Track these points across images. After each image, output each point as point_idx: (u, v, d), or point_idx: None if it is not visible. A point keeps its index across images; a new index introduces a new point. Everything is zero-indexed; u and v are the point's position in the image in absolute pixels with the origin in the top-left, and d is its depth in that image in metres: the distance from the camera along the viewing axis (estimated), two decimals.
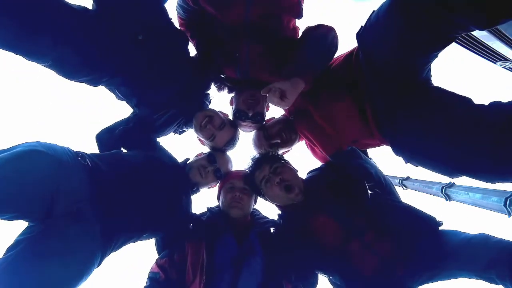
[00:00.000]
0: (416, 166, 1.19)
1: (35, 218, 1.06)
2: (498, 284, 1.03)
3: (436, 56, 1.03)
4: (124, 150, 1.60)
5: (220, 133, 1.55)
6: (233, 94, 1.64)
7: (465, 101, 1.02)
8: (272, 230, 1.51)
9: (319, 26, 1.27)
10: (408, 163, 1.22)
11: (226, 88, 1.65)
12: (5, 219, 1.01)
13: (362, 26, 1.13)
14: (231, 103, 1.63)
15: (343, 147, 1.44)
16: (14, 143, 1.13)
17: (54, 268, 0.98)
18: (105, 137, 1.58)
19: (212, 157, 1.58)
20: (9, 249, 1.00)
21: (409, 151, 1.16)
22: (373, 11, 1.06)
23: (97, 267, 1.18)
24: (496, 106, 0.97)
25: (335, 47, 1.28)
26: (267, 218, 1.58)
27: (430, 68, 1.11)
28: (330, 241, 1.34)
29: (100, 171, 1.25)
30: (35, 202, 1.02)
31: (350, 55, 1.27)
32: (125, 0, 1.20)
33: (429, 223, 1.31)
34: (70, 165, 1.16)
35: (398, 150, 1.20)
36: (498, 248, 1.06)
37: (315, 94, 1.34)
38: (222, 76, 1.52)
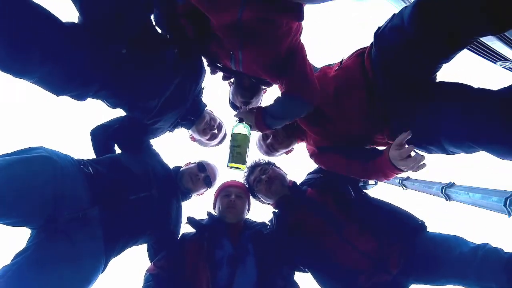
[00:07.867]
0: (431, 152, 1.20)
1: (37, 224, 1.06)
2: None
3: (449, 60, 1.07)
4: (118, 150, 1.63)
5: (219, 133, 1.78)
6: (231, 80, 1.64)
7: (470, 86, 1.08)
8: (263, 231, 1.64)
9: (301, 88, 1.31)
10: (425, 152, 1.23)
11: (220, 72, 1.62)
12: (7, 224, 1.01)
13: (380, 26, 1.18)
14: (229, 84, 1.68)
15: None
16: (15, 147, 1.13)
17: (61, 274, 0.99)
18: (100, 134, 1.61)
19: (202, 166, 1.73)
20: (17, 255, 0.99)
21: (422, 136, 1.17)
22: (394, 14, 1.11)
23: (102, 272, 1.18)
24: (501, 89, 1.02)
25: (300, 115, 1.40)
26: (257, 222, 1.73)
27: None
28: (312, 234, 1.48)
29: (101, 178, 1.27)
30: (37, 207, 1.02)
31: (362, 54, 1.30)
32: (110, 13, 1.17)
33: (410, 222, 1.41)
34: (73, 172, 1.17)
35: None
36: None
37: (328, 92, 1.37)
38: (219, 65, 1.52)
